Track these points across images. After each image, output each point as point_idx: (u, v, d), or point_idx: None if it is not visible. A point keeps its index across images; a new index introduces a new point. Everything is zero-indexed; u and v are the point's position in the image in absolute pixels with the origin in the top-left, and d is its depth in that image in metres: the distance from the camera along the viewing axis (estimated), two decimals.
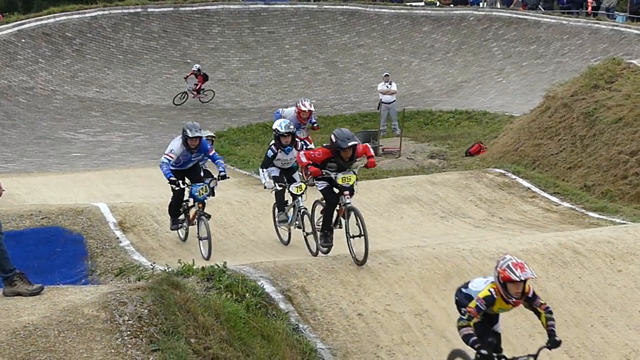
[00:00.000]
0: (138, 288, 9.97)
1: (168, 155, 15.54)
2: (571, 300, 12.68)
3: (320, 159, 13.36)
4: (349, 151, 13.17)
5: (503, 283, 9.96)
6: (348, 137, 13.11)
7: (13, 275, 9.79)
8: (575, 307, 12.56)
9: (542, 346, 10.07)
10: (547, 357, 10.66)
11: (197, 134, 15.38)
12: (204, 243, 15.68)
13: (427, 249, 13.61)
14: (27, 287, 9.77)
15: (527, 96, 34.49)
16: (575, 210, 19.24)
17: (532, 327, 11.86)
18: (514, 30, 42.74)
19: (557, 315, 12.22)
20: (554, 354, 11.58)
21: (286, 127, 16.07)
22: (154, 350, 9.27)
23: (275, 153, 16.16)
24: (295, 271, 12.43)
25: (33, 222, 15.99)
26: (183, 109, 38.81)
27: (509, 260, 10.01)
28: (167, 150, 15.65)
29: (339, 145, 13.07)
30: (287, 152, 16.21)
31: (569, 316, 12.35)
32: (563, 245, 13.70)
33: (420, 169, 26.26)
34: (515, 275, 9.88)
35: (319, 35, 44.90)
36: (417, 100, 38.44)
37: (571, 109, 23.58)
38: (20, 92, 37.59)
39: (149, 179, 25.42)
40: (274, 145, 16.21)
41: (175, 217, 16.34)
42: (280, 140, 16.08)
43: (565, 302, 12.60)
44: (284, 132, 16.00)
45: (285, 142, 16.07)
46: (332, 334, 11.53)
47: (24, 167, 28.57)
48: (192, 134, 15.32)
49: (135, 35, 43.06)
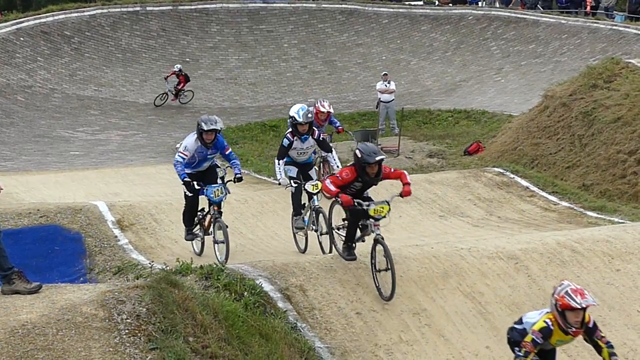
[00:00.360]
0: (136, 287, 9.98)
1: (182, 154, 14.67)
2: None
3: (348, 179, 12.47)
4: (375, 166, 12.38)
5: (561, 311, 9.23)
6: (374, 152, 12.39)
7: (11, 273, 9.80)
8: None
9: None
10: None
11: (212, 126, 14.39)
12: (220, 247, 14.94)
13: (425, 247, 13.60)
14: (26, 286, 9.79)
15: (525, 95, 34.50)
16: (574, 209, 19.25)
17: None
18: (513, 29, 42.77)
19: None
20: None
21: (304, 116, 15.32)
22: (152, 348, 9.28)
23: (291, 142, 15.47)
24: (294, 270, 12.42)
25: (31, 221, 15.98)
26: (182, 108, 38.79)
27: (567, 286, 9.26)
28: (181, 147, 14.82)
29: (366, 161, 12.26)
30: (304, 140, 15.55)
31: None
32: (561, 244, 13.70)
33: (418, 168, 26.28)
34: (576, 302, 9.14)
35: (317, 34, 44.91)
36: (415, 99, 38.45)
37: (570, 109, 23.59)
38: (18, 90, 37.59)
39: (148, 178, 25.44)
40: (290, 133, 15.57)
41: (190, 226, 15.37)
42: (297, 128, 15.41)
43: None
44: (301, 121, 15.33)
45: (302, 130, 15.40)
46: (331, 333, 11.52)
47: (22, 166, 28.57)
48: (207, 126, 14.37)
49: (134, 34, 43.05)
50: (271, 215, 17.96)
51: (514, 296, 12.38)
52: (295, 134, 15.50)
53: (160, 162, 28.78)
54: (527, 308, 12.21)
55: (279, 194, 19.17)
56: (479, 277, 12.17)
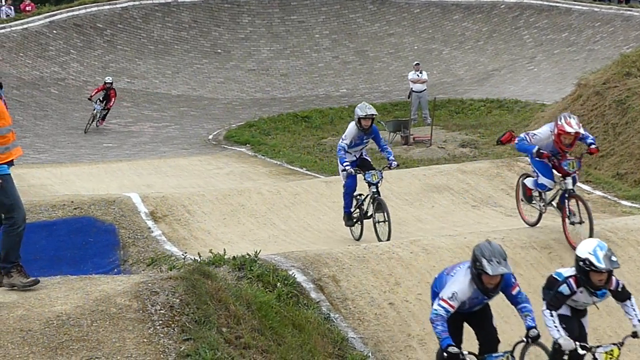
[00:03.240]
0: (170, 278, 10.01)
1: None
2: None
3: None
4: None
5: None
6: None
7: (13, 266, 9.82)
8: None
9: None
10: None
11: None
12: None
13: (458, 238, 13.57)
14: (22, 280, 9.78)
15: (558, 84, 34.31)
16: (607, 198, 19.13)
17: None
18: (546, 17, 42.52)
19: None
20: None
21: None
22: (185, 339, 9.31)
23: None
24: (327, 260, 12.42)
25: (65, 213, 16.05)
26: (214, 99, 38.87)
27: None
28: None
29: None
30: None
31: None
32: (595, 233, 13.62)
33: (451, 157, 26.21)
34: None
35: (349, 24, 44.83)
36: (448, 89, 38.33)
37: (603, 97, 23.42)
38: (52, 83, 37.82)
39: (180, 169, 25.54)
40: None
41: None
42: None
43: None
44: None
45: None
46: (364, 323, 11.52)
47: (56, 158, 28.77)
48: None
49: (165, 26, 43.17)
50: (303, 206, 17.95)
51: None
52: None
53: (192, 154, 28.89)
54: None
55: (311, 185, 19.19)
56: (512, 267, 12.11)
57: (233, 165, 26.42)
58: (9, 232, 9.75)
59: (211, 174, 25.13)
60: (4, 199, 9.68)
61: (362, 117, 15.60)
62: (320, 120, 33.94)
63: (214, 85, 40.51)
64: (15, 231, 9.74)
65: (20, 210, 9.77)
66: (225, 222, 16.89)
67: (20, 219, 9.77)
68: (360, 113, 15.62)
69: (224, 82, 39.83)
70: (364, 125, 15.64)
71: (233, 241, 15.81)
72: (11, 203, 9.71)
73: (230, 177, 24.47)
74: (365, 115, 15.61)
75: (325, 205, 17.93)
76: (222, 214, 17.18)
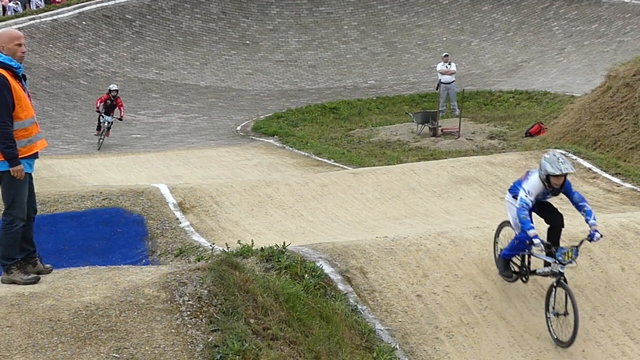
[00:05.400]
0: (198, 269, 10.02)
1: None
2: (633, 283, 12.54)
3: None
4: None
5: None
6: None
7: (13, 263, 9.82)
8: (637, 290, 12.42)
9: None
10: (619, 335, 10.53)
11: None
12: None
13: (486, 230, 13.52)
14: (22, 277, 9.77)
15: (588, 76, 34.14)
16: (637, 191, 19.01)
17: None
18: (575, 9, 42.28)
19: (619, 298, 12.13)
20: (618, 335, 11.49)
21: None
22: (213, 330, 9.32)
23: None
24: (354, 252, 12.42)
25: (94, 203, 16.11)
26: (242, 90, 38.93)
27: None
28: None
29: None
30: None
31: (630, 298, 12.22)
32: (625, 226, 13.55)
33: (479, 149, 26.14)
34: None
35: (377, 15, 44.75)
36: (476, 81, 38.22)
37: (633, 89, 23.29)
38: (81, 74, 37.98)
39: (208, 160, 25.59)
40: None
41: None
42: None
43: (627, 285, 12.47)
44: None
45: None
46: (391, 315, 11.51)
47: (84, 149, 28.91)
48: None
49: (194, 17, 43.24)
50: (331, 198, 17.95)
51: (576, 278, 12.26)
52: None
53: (220, 145, 28.94)
54: (589, 290, 12.13)
55: (339, 177, 19.17)
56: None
57: (261, 156, 26.45)
58: (5, 229, 9.66)
59: (239, 165, 25.17)
60: (6, 192, 9.60)
61: (552, 175, 11.53)
62: (348, 112, 33.95)
63: (242, 76, 40.55)
64: (12, 229, 9.62)
65: (20, 210, 9.63)
66: (253, 213, 16.91)
67: (19, 219, 9.65)
68: (551, 170, 11.50)
69: (252, 73, 39.87)
70: (554, 183, 11.61)
71: (261, 232, 15.83)
72: (12, 199, 9.59)
73: (258, 169, 24.50)
74: (558, 174, 11.54)
75: (353, 197, 17.91)
76: (249, 205, 17.21)
